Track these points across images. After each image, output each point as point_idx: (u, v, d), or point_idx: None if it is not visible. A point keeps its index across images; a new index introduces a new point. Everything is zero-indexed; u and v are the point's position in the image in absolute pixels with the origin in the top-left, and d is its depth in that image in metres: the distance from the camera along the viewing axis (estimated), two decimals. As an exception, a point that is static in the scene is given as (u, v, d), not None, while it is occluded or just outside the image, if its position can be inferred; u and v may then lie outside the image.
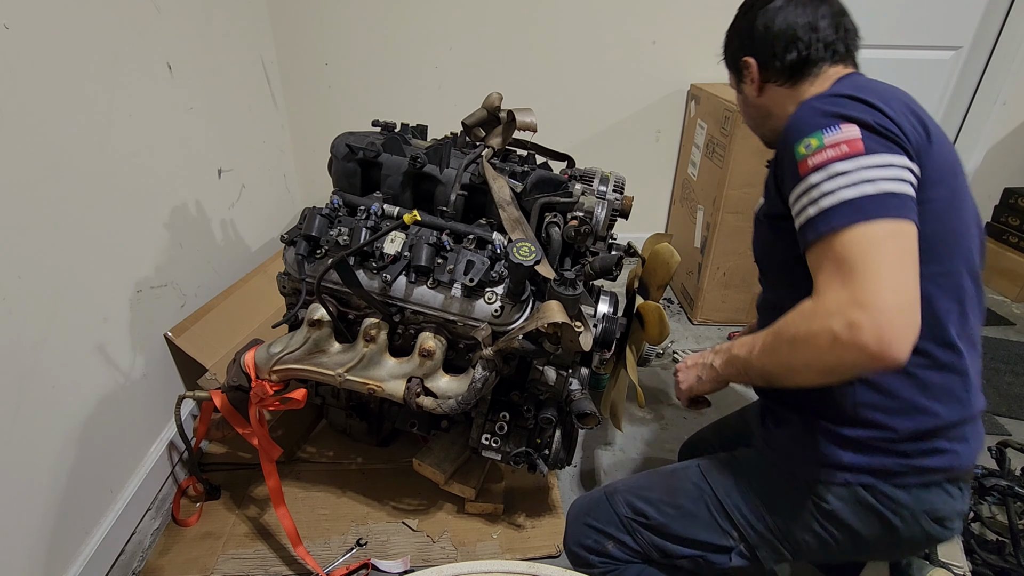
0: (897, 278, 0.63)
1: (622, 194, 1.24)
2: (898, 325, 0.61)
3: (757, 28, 0.91)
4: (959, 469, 0.78)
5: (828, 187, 0.68)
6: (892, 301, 0.62)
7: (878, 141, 0.69)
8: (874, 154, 0.68)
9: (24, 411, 0.99)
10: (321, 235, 1.10)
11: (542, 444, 1.19)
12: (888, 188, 0.66)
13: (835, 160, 0.68)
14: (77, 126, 1.10)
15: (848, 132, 0.69)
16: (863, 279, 0.63)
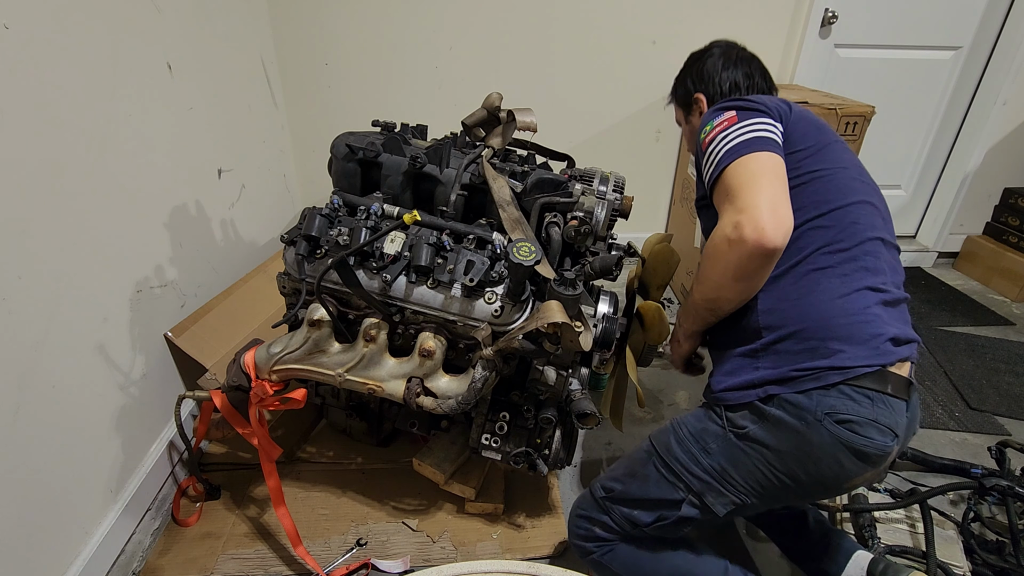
0: (764, 186, 0.84)
1: (622, 194, 1.24)
2: (768, 216, 0.81)
3: (705, 72, 1.19)
4: (848, 370, 0.85)
5: (716, 147, 0.92)
6: (761, 201, 0.83)
7: (747, 114, 0.94)
8: (746, 120, 0.92)
9: (24, 411, 0.99)
10: (321, 235, 1.10)
11: (542, 444, 1.19)
12: (754, 134, 0.90)
13: (721, 131, 0.93)
14: (77, 126, 1.10)
15: (727, 114, 0.95)
16: (739, 192, 0.85)
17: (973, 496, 1.33)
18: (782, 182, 0.86)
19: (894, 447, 0.85)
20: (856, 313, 0.87)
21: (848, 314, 0.86)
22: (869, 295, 0.88)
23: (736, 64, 1.17)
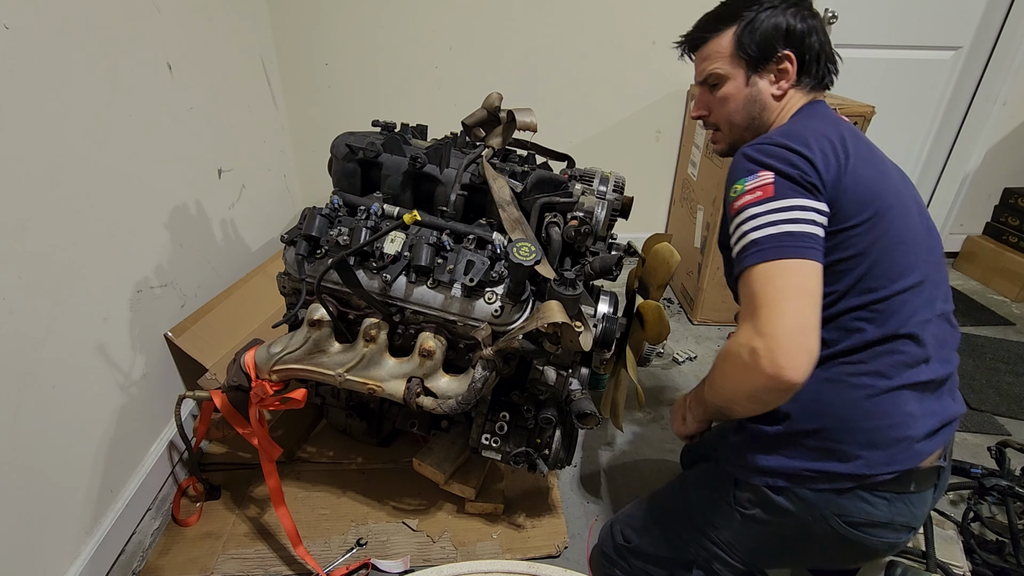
0: (790, 310, 0.71)
1: (622, 194, 1.24)
2: (789, 349, 0.69)
3: (795, 28, 0.90)
4: (866, 477, 0.79)
5: (743, 228, 0.78)
6: (784, 328, 0.70)
7: (787, 186, 0.77)
8: (781, 198, 0.76)
9: (24, 411, 0.99)
10: (321, 235, 1.10)
11: (542, 444, 1.19)
12: (788, 229, 0.75)
13: (750, 204, 0.78)
14: (77, 126, 1.10)
15: (763, 179, 0.78)
16: (761, 311, 0.72)
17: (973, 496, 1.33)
18: (813, 302, 0.73)
19: (910, 538, 0.83)
20: (884, 416, 0.80)
21: (875, 417, 0.80)
22: (904, 394, 0.80)
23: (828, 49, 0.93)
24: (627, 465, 1.50)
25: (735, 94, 0.95)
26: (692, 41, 0.98)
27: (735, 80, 0.94)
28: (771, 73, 0.92)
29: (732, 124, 0.97)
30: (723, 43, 0.93)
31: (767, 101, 0.94)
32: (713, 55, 0.95)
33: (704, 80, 0.97)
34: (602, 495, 1.41)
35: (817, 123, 0.86)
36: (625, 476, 1.47)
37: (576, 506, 1.38)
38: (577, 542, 1.28)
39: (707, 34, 0.95)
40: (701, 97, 1.00)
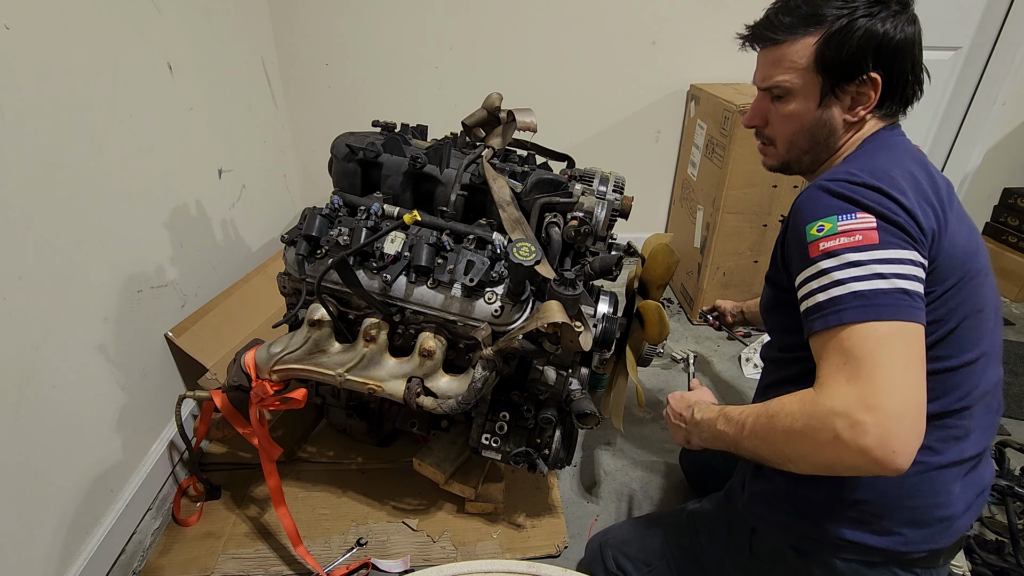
0: (906, 381, 0.61)
1: (622, 194, 1.24)
2: (904, 431, 0.59)
3: (892, 41, 0.75)
4: (901, 555, 0.76)
5: (839, 275, 0.66)
6: (900, 405, 0.59)
7: (893, 234, 0.66)
8: (888, 248, 0.65)
9: (24, 411, 0.99)
10: (321, 235, 1.10)
11: (542, 444, 1.19)
12: (901, 285, 0.64)
13: (848, 248, 0.66)
14: (77, 126, 1.10)
15: (864, 222, 0.67)
16: (871, 379, 0.61)
17: (973, 496, 1.33)
18: (924, 371, 0.63)
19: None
20: (930, 495, 0.75)
21: (921, 496, 0.75)
22: (951, 472, 0.76)
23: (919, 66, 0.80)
24: (627, 465, 1.50)
25: (803, 114, 0.82)
26: (760, 38, 0.82)
27: (806, 99, 0.80)
28: (849, 96, 0.79)
29: (792, 145, 0.86)
30: (800, 51, 0.78)
31: (837, 127, 0.82)
32: (784, 63, 0.80)
33: (767, 87, 0.84)
34: (602, 495, 1.41)
35: (901, 160, 0.75)
36: (625, 476, 1.47)
37: (576, 506, 1.38)
38: (577, 542, 1.28)
39: (781, 35, 0.79)
40: (759, 104, 0.87)
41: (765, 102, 0.86)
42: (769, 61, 0.82)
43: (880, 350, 0.62)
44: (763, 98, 0.86)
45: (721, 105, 1.91)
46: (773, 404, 0.70)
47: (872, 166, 0.73)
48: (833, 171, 0.75)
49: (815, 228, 0.69)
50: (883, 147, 0.79)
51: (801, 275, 0.71)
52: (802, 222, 0.72)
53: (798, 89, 0.80)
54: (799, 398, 0.67)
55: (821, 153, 0.85)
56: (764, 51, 0.83)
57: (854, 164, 0.75)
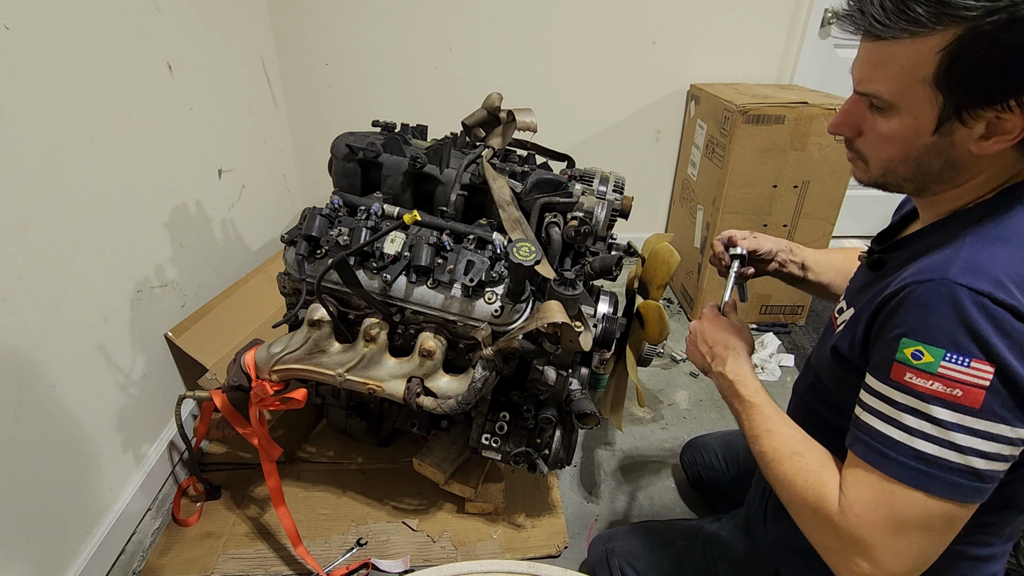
0: (926, 552, 0.58)
1: (622, 194, 1.24)
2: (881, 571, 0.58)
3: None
4: None
5: (909, 422, 0.56)
6: (905, 570, 0.58)
7: (1004, 401, 0.53)
8: (987, 419, 0.53)
9: (24, 411, 0.99)
10: (321, 235, 1.10)
11: (542, 444, 1.19)
12: (975, 465, 0.54)
13: (938, 400, 0.54)
14: (77, 126, 1.10)
15: (976, 375, 0.53)
16: (893, 543, 0.58)
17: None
18: (948, 542, 0.59)
19: None
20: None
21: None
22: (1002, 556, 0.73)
23: None
24: (627, 465, 1.50)
25: (908, 139, 0.61)
26: (866, 27, 0.58)
27: (916, 119, 0.59)
28: (982, 123, 0.56)
29: (888, 171, 0.66)
30: (915, 56, 0.55)
31: (959, 160, 0.60)
32: (891, 66, 0.58)
33: (863, 93, 0.63)
34: (602, 495, 1.41)
35: None
36: (625, 476, 1.47)
37: (576, 506, 1.38)
38: (577, 542, 1.28)
39: (892, 29, 0.55)
40: (853, 109, 0.65)
41: (860, 108, 0.64)
42: (872, 58, 0.59)
43: (916, 521, 0.57)
44: (858, 102, 0.64)
45: (721, 105, 1.91)
46: (803, 466, 0.66)
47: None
48: (974, 261, 0.55)
49: (912, 350, 0.56)
50: None
51: (871, 383, 0.60)
52: (901, 326, 0.57)
53: (904, 105, 0.59)
54: (821, 484, 0.63)
55: (931, 185, 0.65)
56: (871, 43, 0.59)
57: (1003, 254, 0.55)
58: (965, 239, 0.58)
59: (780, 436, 0.70)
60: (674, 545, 1.01)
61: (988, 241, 0.57)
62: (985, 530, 0.67)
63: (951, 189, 0.64)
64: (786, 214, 1.94)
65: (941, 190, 0.65)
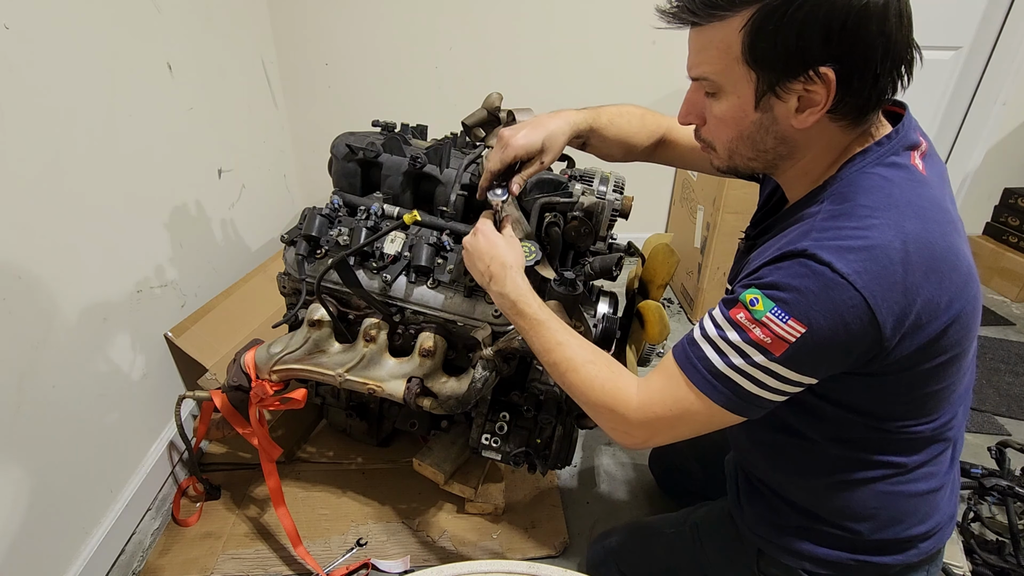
0: (676, 435, 0.71)
1: (622, 194, 1.24)
2: (644, 443, 0.74)
3: (849, 15, 0.55)
4: (918, 565, 0.79)
5: (725, 349, 0.64)
6: (652, 441, 0.73)
7: (804, 356, 0.60)
8: (783, 365, 0.61)
9: (24, 411, 0.99)
10: (321, 235, 1.10)
11: (542, 444, 1.18)
12: (752, 390, 0.64)
13: (751, 341, 0.62)
14: (77, 126, 1.10)
15: (790, 330, 0.59)
16: (667, 432, 0.71)
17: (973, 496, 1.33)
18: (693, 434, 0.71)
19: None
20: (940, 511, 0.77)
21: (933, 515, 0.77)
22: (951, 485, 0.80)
23: (900, 45, 0.58)
24: (627, 465, 1.50)
25: (738, 118, 0.66)
26: (687, 16, 0.63)
27: (740, 98, 0.64)
28: (794, 96, 0.61)
29: (732, 152, 0.71)
30: (726, 37, 0.60)
31: (787, 134, 0.65)
32: (710, 50, 0.63)
33: (694, 78, 0.68)
34: (602, 495, 1.41)
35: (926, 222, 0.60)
36: (625, 476, 1.47)
37: (576, 506, 1.38)
38: (577, 542, 1.28)
39: (702, 16, 0.61)
40: (693, 98, 0.70)
41: (699, 96, 0.69)
42: (696, 45, 0.65)
43: (690, 423, 0.69)
44: (697, 91, 0.69)
45: (721, 105, 1.90)
46: (597, 372, 0.75)
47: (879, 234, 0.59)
48: (822, 235, 0.61)
49: (751, 296, 0.62)
50: (895, 188, 0.62)
51: (718, 306, 0.68)
52: (749, 278, 0.65)
53: (728, 86, 0.64)
54: (619, 397, 0.73)
55: (776, 162, 0.70)
56: (693, 31, 0.64)
57: (847, 229, 0.60)
58: (817, 216, 0.64)
59: (571, 347, 0.78)
60: (664, 534, 1.02)
61: (835, 216, 0.62)
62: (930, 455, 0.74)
63: (796, 163, 0.69)
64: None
65: (787, 166, 0.70)
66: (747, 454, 0.87)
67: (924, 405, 0.70)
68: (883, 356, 0.62)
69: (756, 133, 0.66)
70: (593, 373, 0.75)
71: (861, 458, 0.74)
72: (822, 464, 0.76)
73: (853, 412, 0.71)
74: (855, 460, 0.74)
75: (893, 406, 0.70)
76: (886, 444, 0.73)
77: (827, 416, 0.72)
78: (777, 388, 0.64)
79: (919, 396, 0.69)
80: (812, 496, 0.79)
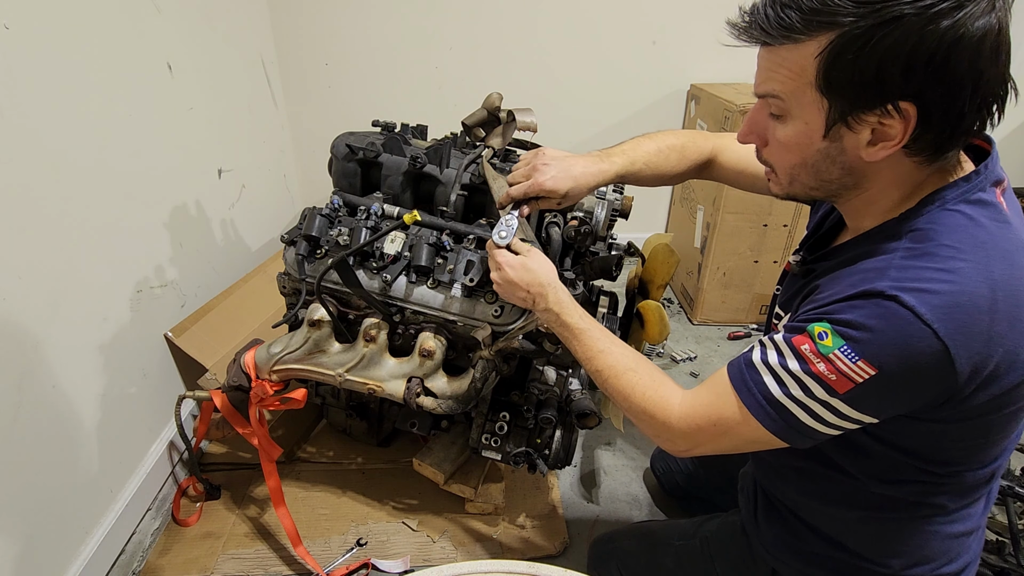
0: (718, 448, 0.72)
1: (622, 194, 1.24)
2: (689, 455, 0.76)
3: (937, 52, 0.51)
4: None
5: (784, 379, 0.62)
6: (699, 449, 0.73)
7: (870, 396, 0.59)
8: (848, 403, 0.60)
9: (24, 411, 0.99)
10: (321, 235, 1.10)
11: (542, 444, 1.19)
12: (813, 426, 0.63)
13: (815, 376, 0.60)
14: (77, 126, 1.10)
15: (859, 371, 0.57)
16: (709, 445, 0.72)
17: (973, 496, 1.33)
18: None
19: None
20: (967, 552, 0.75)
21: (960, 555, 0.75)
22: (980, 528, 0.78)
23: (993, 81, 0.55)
24: (627, 465, 1.50)
25: (803, 144, 0.62)
26: (756, 36, 0.60)
27: (807, 124, 0.61)
28: (867, 127, 0.57)
29: (793, 179, 0.67)
30: (800, 60, 0.57)
31: (854, 165, 0.62)
32: (781, 70, 0.60)
33: (761, 95, 0.64)
34: (602, 495, 1.41)
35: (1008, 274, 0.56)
36: (625, 476, 1.47)
37: (576, 506, 1.38)
38: (577, 542, 1.28)
39: (775, 37, 0.58)
40: (757, 118, 0.67)
41: (763, 117, 0.66)
42: (766, 63, 0.62)
43: (732, 439, 0.69)
44: (761, 110, 0.66)
45: (721, 105, 1.91)
46: (638, 380, 0.76)
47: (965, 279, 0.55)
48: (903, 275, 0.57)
49: (820, 330, 0.59)
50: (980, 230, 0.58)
51: (781, 331, 0.66)
52: (819, 307, 0.62)
53: (796, 110, 0.61)
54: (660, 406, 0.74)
55: (838, 192, 0.67)
56: (764, 48, 0.61)
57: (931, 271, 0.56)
58: (896, 253, 0.60)
59: (613, 355, 0.80)
60: (672, 544, 1.01)
61: (916, 256, 0.58)
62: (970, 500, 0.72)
63: (860, 194, 0.66)
64: (786, 214, 1.94)
65: (850, 196, 0.67)
66: (771, 474, 0.85)
67: (983, 452, 0.67)
68: (952, 405, 0.59)
69: (821, 162, 0.63)
70: (635, 380, 0.76)
71: (903, 498, 0.70)
72: (858, 499, 0.73)
73: (905, 454, 0.66)
74: (896, 500, 0.71)
75: (950, 452, 0.66)
76: (933, 488, 0.69)
77: (874, 454, 0.68)
78: (834, 423, 0.62)
79: (980, 444, 0.66)
80: (841, 526, 0.76)
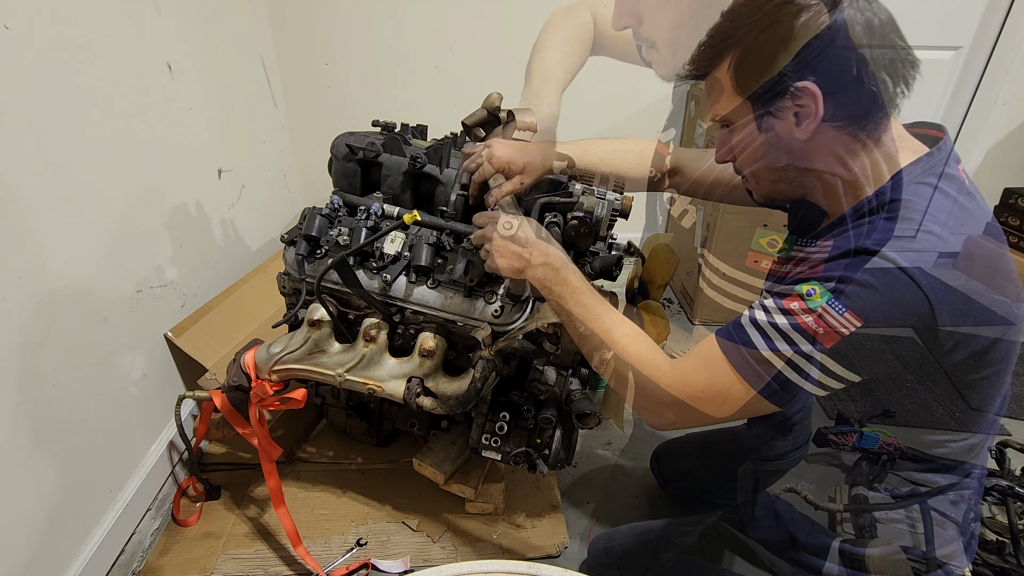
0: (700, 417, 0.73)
1: (622, 194, 1.24)
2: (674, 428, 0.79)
3: (813, 42, 0.63)
4: None
5: (773, 337, 0.66)
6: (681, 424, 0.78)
7: (851, 350, 0.63)
8: (833, 358, 0.64)
9: (24, 411, 0.99)
10: (321, 235, 1.10)
11: (542, 444, 1.18)
12: (795, 379, 0.66)
13: (803, 330, 0.64)
14: (77, 126, 1.10)
15: (845, 323, 0.61)
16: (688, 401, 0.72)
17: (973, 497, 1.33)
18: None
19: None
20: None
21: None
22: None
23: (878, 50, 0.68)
24: (627, 465, 1.50)
25: (748, 142, 0.74)
26: (691, 74, 0.75)
27: (745, 124, 0.73)
28: (789, 112, 0.68)
29: (759, 178, 0.78)
30: (720, 79, 0.71)
31: (795, 147, 0.71)
32: (715, 90, 0.73)
33: (715, 118, 0.77)
34: (602, 495, 1.41)
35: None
36: (625, 476, 1.47)
37: (576, 506, 1.38)
38: (577, 542, 1.28)
39: (703, 69, 0.73)
40: (721, 138, 0.79)
41: (724, 136, 0.77)
42: (706, 92, 0.75)
43: (725, 404, 0.70)
44: (722, 132, 0.78)
45: (721, 105, 1.90)
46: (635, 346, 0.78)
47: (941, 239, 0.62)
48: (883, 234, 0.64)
49: (808, 288, 0.64)
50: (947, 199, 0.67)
51: (768, 294, 0.69)
52: (806, 270, 0.67)
53: (734, 117, 0.72)
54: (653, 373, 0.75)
55: (798, 178, 0.74)
56: (704, 83, 0.75)
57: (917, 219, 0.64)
58: (877, 219, 0.66)
59: (610, 318, 0.82)
60: (672, 542, 1.02)
61: (896, 220, 0.65)
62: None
63: (820, 177, 0.73)
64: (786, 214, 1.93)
65: (812, 183, 0.74)
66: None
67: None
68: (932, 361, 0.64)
69: (769, 152, 0.72)
70: (629, 345, 0.78)
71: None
72: None
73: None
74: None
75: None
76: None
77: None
78: (820, 381, 0.65)
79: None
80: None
